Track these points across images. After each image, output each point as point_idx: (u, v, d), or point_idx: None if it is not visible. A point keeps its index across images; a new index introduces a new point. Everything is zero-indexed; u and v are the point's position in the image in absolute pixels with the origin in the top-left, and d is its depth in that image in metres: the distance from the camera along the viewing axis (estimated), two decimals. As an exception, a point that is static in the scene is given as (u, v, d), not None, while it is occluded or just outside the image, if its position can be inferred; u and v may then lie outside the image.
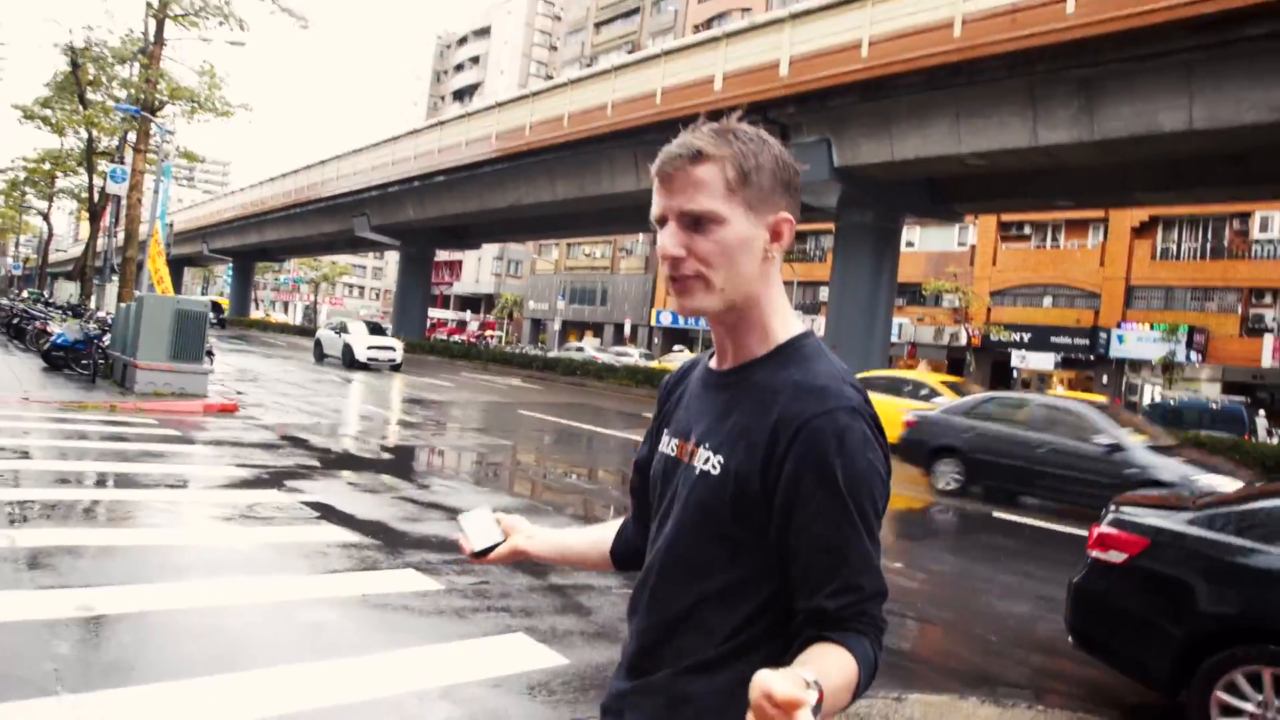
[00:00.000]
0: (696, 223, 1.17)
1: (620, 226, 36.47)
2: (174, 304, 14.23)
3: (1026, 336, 40.65)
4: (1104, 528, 4.70)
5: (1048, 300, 42.34)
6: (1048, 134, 17.20)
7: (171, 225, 23.55)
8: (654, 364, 36.99)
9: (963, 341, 42.71)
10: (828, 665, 1.07)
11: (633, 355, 41.13)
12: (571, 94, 27.08)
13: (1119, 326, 38.31)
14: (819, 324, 45.41)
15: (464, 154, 31.76)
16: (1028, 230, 43.17)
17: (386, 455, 11.06)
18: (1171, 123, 15.47)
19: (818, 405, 1.12)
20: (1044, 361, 40.76)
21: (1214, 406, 26.42)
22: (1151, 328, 36.35)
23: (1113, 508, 4.88)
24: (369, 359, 27.02)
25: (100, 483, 7.61)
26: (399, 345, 28.39)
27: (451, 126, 33.32)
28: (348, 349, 27.37)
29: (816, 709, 0.96)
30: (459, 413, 17.46)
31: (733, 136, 1.20)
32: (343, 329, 28.87)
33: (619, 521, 1.56)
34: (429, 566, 5.75)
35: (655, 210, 1.22)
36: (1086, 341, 38.54)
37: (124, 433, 10.35)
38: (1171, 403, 30.12)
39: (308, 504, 7.34)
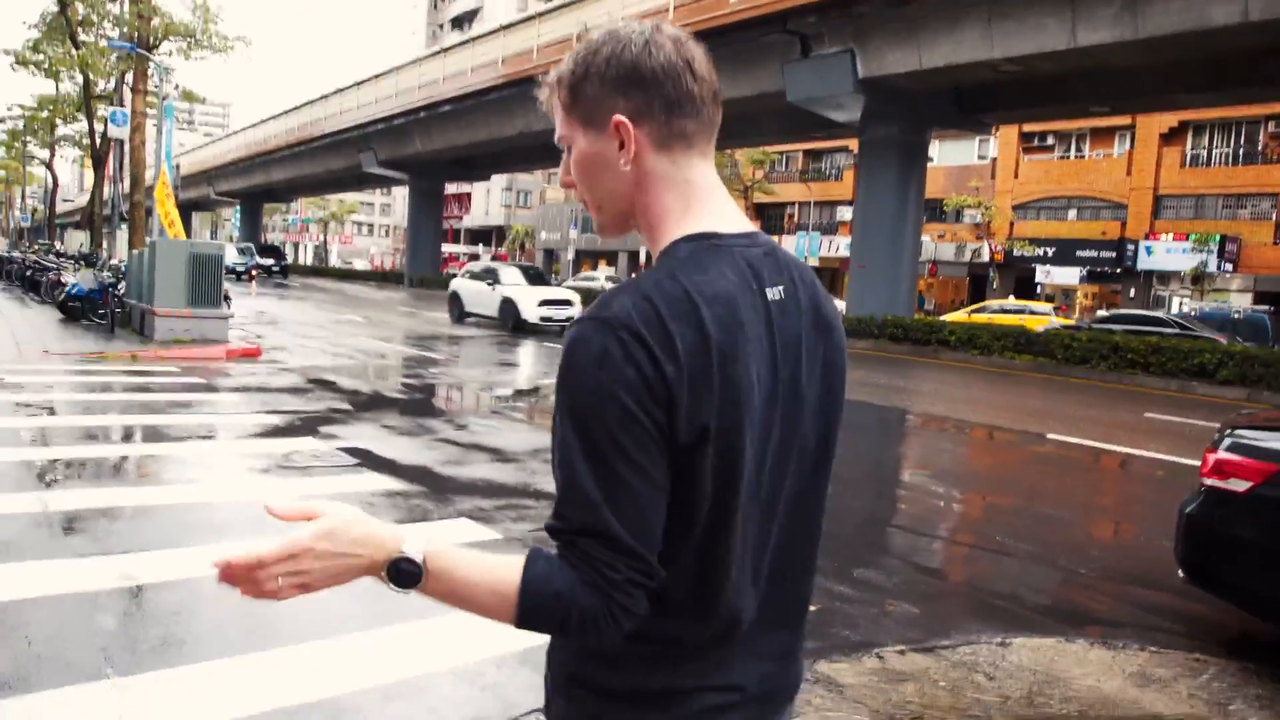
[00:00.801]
0: (567, 150, 1.14)
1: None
2: (188, 248, 13.83)
3: (1050, 251, 39.82)
4: (1221, 453, 4.29)
5: (1072, 213, 41.31)
6: (1088, 34, 16.33)
7: (178, 167, 22.97)
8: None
9: (984, 258, 41.91)
10: (479, 560, 1.00)
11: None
12: (579, 13, 26.08)
13: (1147, 238, 37.34)
14: (840, 244, 44.75)
15: (469, 81, 30.85)
16: (1051, 141, 41.93)
17: (418, 395, 10.75)
18: (1224, 15, 14.59)
19: (583, 313, 1.03)
20: (1069, 276, 40.00)
21: (1236, 316, 26.08)
22: (1188, 238, 35.35)
23: (1228, 431, 4.47)
24: (542, 319, 20.16)
25: (129, 437, 7.31)
26: (576, 299, 21.35)
27: (456, 53, 32.32)
28: (510, 306, 20.53)
29: (404, 573, 0.96)
30: (481, 350, 17.12)
31: (571, 55, 1.12)
32: (493, 278, 21.65)
33: None
34: (482, 514, 5.43)
35: None
36: (1113, 254, 37.66)
37: (148, 383, 10.05)
38: (1191, 314, 29.73)
39: (345, 450, 7.02)
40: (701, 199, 1.11)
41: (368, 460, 6.71)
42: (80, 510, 4.95)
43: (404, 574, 0.97)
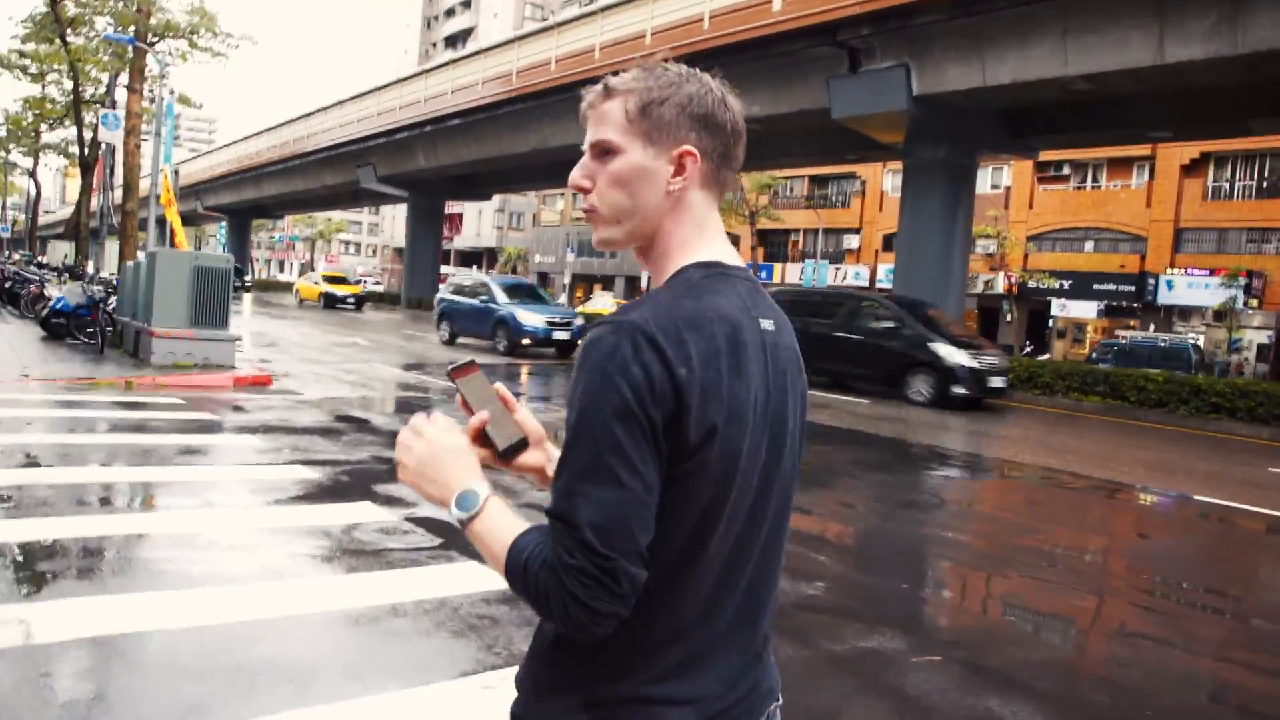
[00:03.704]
0: (602, 154, 1.18)
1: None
2: (192, 259, 12.18)
3: (1067, 283, 38.77)
4: None
5: (1089, 245, 40.31)
6: (1178, 50, 15.02)
7: (177, 172, 21.31)
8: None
9: (997, 289, 40.78)
10: (510, 519, 1.10)
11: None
12: (602, 22, 24.68)
13: (1167, 271, 36.38)
14: (848, 272, 43.43)
15: (480, 94, 29.34)
16: (1066, 170, 40.98)
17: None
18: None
19: (598, 322, 1.08)
20: (1085, 310, 38.88)
21: (1162, 344, 26.75)
22: (1211, 273, 34.42)
23: None
24: None
25: (134, 502, 5.66)
26: None
27: (466, 64, 30.84)
28: None
29: (465, 510, 1.10)
30: (517, 379, 15.51)
31: (648, 74, 1.18)
32: None
33: None
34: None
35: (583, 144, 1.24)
36: (1132, 288, 36.66)
37: (149, 420, 8.38)
38: (1122, 342, 29.38)
39: (416, 521, 5.41)
40: (712, 235, 1.20)
41: (452, 539, 5.09)
42: (74, 640, 3.31)
43: (469, 499, 1.10)
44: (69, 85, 27.60)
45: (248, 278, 49.69)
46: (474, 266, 76.18)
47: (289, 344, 18.84)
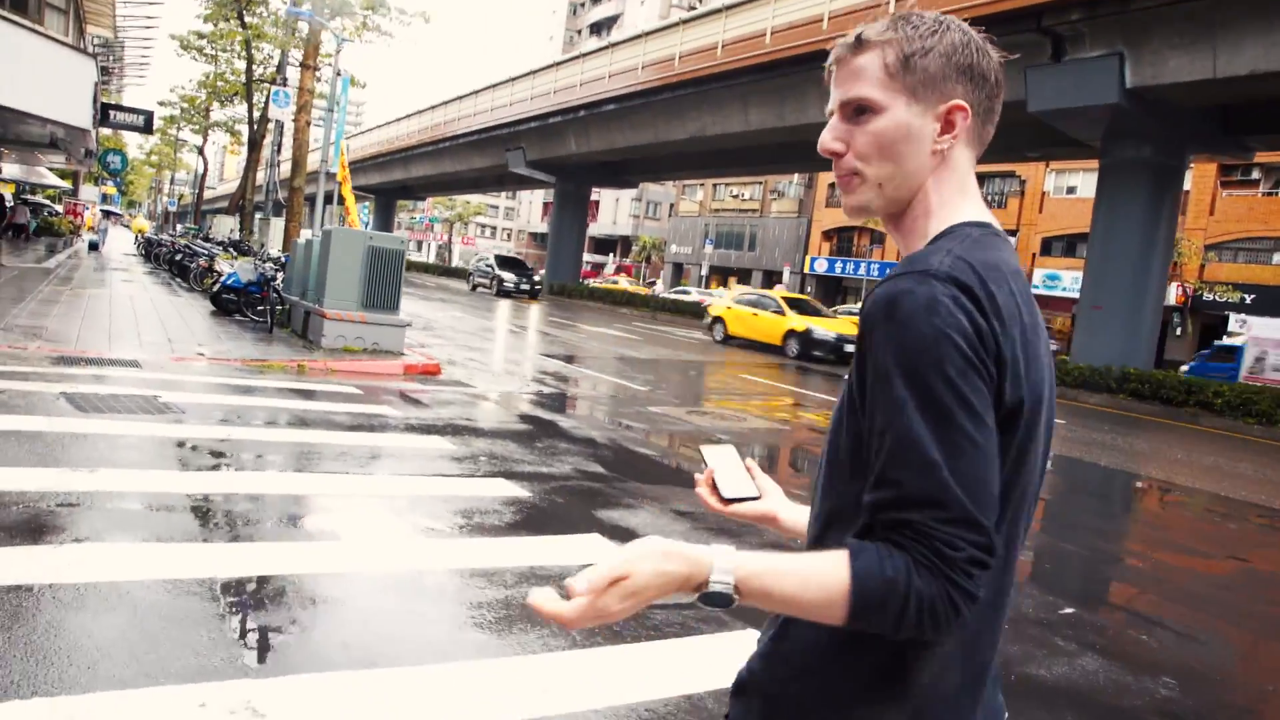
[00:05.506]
0: (857, 113, 1.07)
1: (819, 162, 32.20)
2: (366, 239, 11.79)
3: (1249, 298, 35.44)
4: None
5: (1279, 256, 36.67)
6: None
7: (346, 148, 21.41)
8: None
9: (1169, 300, 37.63)
10: (797, 567, 0.93)
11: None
12: (775, 5, 23.53)
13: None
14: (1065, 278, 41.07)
15: (640, 79, 28.63)
16: (1255, 174, 37.40)
17: (681, 452, 8.26)
18: None
19: (888, 276, 0.97)
20: (1273, 328, 35.35)
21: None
22: None
23: None
24: None
25: (339, 525, 5.00)
26: None
27: (625, 49, 30.18)
28: None
29: (718, 595, 0.92)
30: (681, 377, 14.64)
31: (903, 22, 1.08)
32: None
33: None
34: None
35: (827, 107, 1.12)
36: (1331, 304, 33.12)
37: (330, 413, 7.86)
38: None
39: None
40: (973, 197, 1.10)
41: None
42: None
43: (718, 596, 0.93)
44: (240, 66, 28.41)
45: (536, 279, 37.15)
46: (610, 255, 76.12)
47: (443, 328, 18.56)
